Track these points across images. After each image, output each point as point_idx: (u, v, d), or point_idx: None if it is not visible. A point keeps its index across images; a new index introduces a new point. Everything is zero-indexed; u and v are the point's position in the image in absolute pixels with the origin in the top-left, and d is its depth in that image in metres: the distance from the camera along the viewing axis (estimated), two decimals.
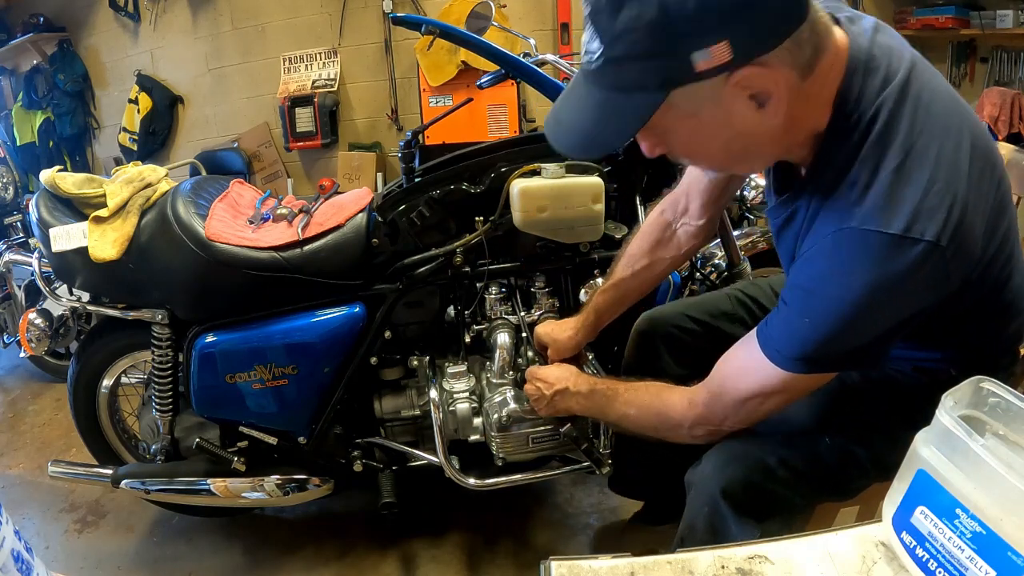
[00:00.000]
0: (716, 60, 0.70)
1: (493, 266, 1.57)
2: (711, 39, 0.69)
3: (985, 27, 3.32)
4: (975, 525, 0.58)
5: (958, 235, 0.78)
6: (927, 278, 0.79)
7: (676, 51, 0.70)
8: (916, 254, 0.76)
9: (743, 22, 0.69)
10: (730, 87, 0.73)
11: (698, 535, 1.03)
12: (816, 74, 0.77)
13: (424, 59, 3.63)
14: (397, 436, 1.71)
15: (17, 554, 0.59)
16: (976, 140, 0.83)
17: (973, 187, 0.80)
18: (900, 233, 0.76)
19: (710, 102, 0.75)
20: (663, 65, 0.72)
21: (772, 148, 0.86)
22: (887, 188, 0.78)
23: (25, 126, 4.42)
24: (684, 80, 0.72)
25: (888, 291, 0.78)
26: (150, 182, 1.63)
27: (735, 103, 0.76)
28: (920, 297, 0.81)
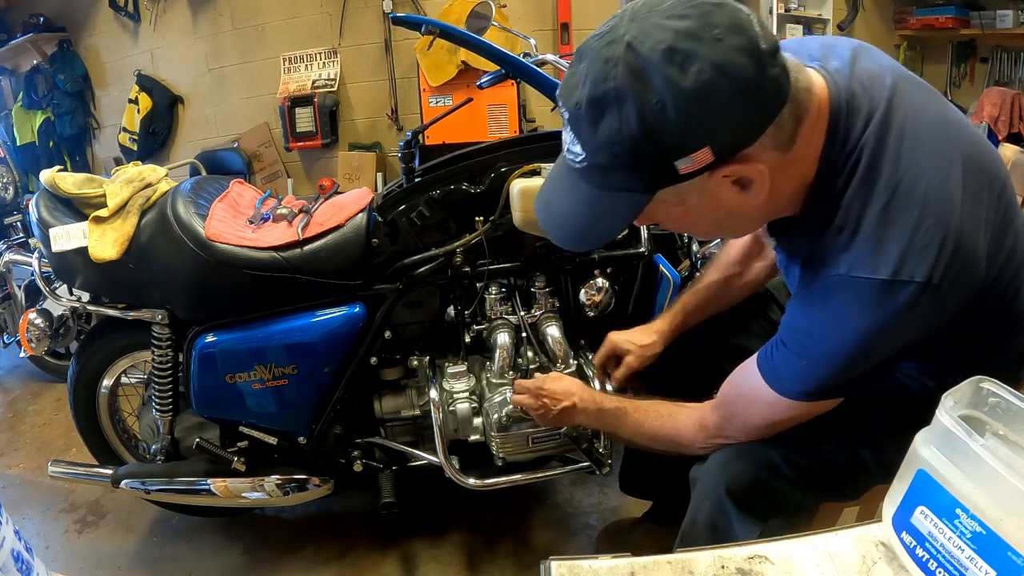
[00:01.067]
0: (698, 164, 0.72)
1: (493, 266, 1.57)
2: (693, 147, 0.71)
3: (985, 27, 3.32)
4: (975, 525, 0.58)
5: (953, 267, 0.78)
6: (923, 314, 0.80)
7: (657, 161, 0.72)
8: (908, 296, 0.77)
9: (724, 128, 0.71)
10: (714, 179, 0.76)
11: (699, 531, 1.03)
12: (799, 139, 0.78)
13: (424, 59, 3.63)
14: (397, 436, 1.71)
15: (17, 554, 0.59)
16: (969, 160, 0.82)
17: (968, 213, 0.79)
18: (889, 278, 0.77)
19: (695, 193, 0.78)
20: (647, 171, 0.74)
21: (760, 216, 0.88)
22: (873, 231, 0.78)
23: (25, 126, 4.42)
24: (668, 183, 0.75)
25: (883, 332, 0.80)
26: (150, 182, 1.63)
27: (719, 190, 0.78)
28: (918, 328, 0.83)
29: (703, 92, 0.68)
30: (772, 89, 0.71)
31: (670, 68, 0.68)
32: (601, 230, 0.83)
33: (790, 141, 0.77)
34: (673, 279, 1.60)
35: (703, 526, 1.03)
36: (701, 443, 1.05)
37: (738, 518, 0.99)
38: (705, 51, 0.68)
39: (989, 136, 2.93)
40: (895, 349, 0.85)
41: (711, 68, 0.67)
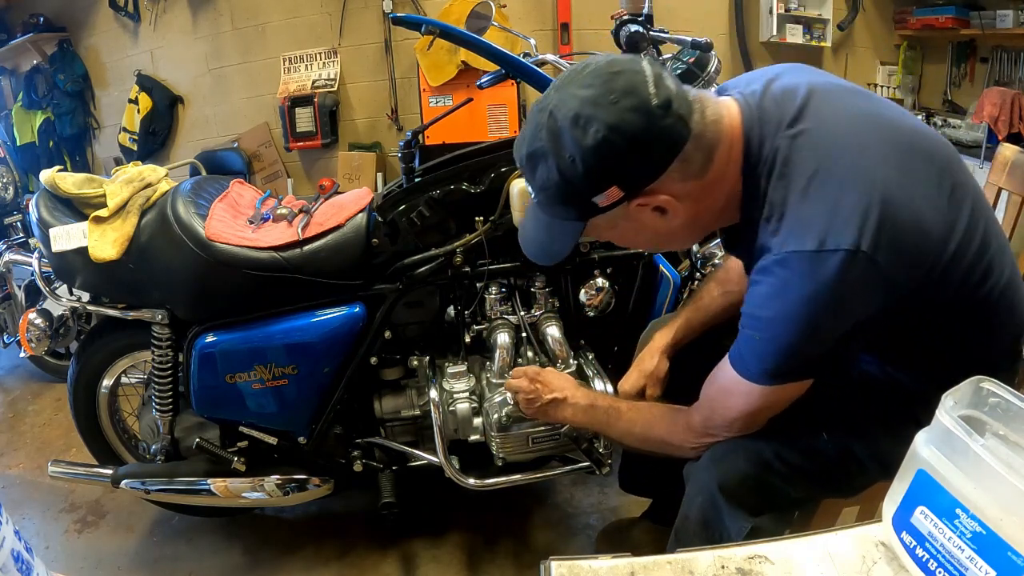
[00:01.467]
0: (611, 199, 0.89)
1: (493, 266, 1.57)
2: (603, 187, 0.88)
3: (985, 27, 3.32)
4: (975, 525, 0.58)
5: (883, 235, 0.83)
6: (861, 283, 0.84)
7: (579, 198, 0.90)
8: (837, 264, 0.82)
9: (624, 171, 0.87)
10: (633, 210, 0.91)
11: (691, 527, 1.05)
12: (715, 164, 0.91)
13: (424, 59, 3.63)
14: (397, 436, 1.71)
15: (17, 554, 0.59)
16: (895, 143, 0.90)
17: (896, 185, 0.85)
18: (816, 249, 0.83)
19: (622, 219, 0.94)
20: (575, 207, 0.93)
21: (690, 231, 1.00)
22: (797, 212, 0.87)
23: (25, 126, 4.41)
24: (593, 213, 0.92)
25: (824, 302, 0.84)
26: (150, 182, 1.63)
27: (641, 216, 0.93)
28: (864, 300, 0.86)
29: (600, 147, 0.84)
30: (665, 136, 0.85)
31: (576, 130, 0.85)
32: (556, 248, 1.01)
33: (703, 169, 0.90)
34: (673, 279, 1.60)
35: (695, 521, 1.04)
36: (691, 443, 1.07)
37: (729, 513, 1.00)
38: (601, 114, 0.84)
39: (989, 136, 2.93)
40: (847, 324, 0.88)
41: (605, 128, 0.84)
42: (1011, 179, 1.40)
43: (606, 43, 1.47)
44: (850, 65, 3.94)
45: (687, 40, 1.45)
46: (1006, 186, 1.42)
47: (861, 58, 3.94)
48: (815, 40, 3.76)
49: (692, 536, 1.04)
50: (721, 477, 1.02)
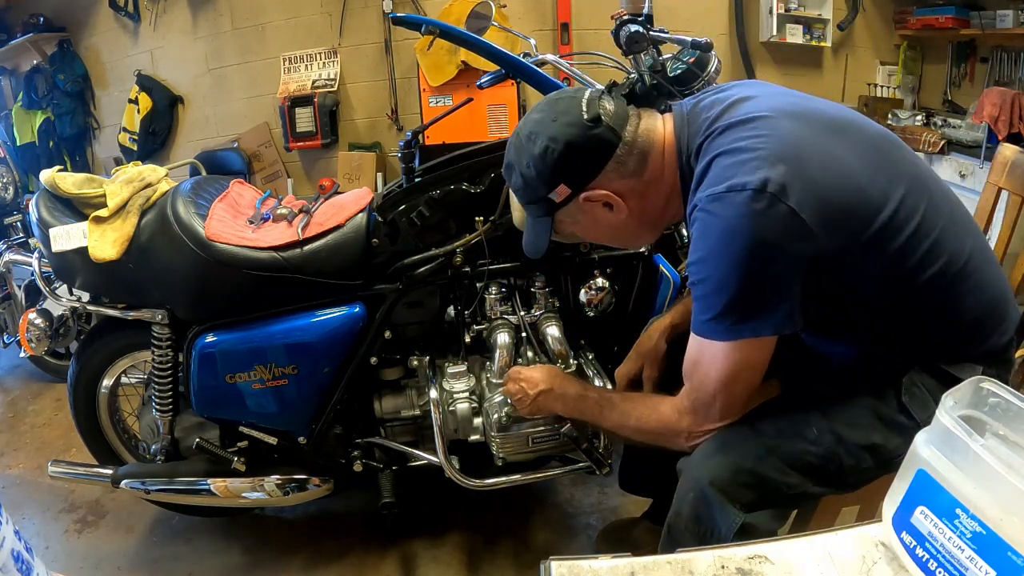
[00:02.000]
0: (562, 195, 1.10)
1: (493, 266, 1.57)
2: (553, 186, 1.09)
3: (985, 27, 3.32)
4: (975, 525, 0.58)
5: (794, 181, 0.92)
6: (774, 218, 0.91)
7: (539, 196, 1.12)
8: (746, 199, 0.92)
9: (567, 171, 1.07)
10: (584, 204, 1.10)
11: (683, 522, 1.05)
12: (651, 165, 1.08)
13: (424, 59, 3.63)
14: (397, 436, 1.71)
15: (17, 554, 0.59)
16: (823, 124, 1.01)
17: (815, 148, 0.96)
18: (724, 190, 0.95)
19: (580, 214, 1.12)
20: (540, 204, 1.13)
21: (642, 225, 1.15)
22: (711, 172, 0.99)
23: (25, 126, 4.41)
24: (555, 209, 1.12)
25: (742, 234, 0.92)
26: (150, 182, 1.63)
27: (594, 211, 1.11)
28: (785, 237, 0.92)
29: (544, 154, 1.06)
30: (595, 142, 1.05)
31: (529, 144, 1.08)
32: (539, 243, 1.19)
33: (638, 169, 1.08)
34: (673, 279, 1.60)
35: (687, 517, 1.05)
36: (684, 429, 1.09)
37: (720, 508, 1.01)
38: (547, 131, 1.07)
39: (989, 136, 2.92)
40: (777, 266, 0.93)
41: (547, 140, 1.06)
42: (1011, 179, 1.40)
43: (606, 43, 1.47)
44: (850, 65, 3.93)
45: (687, 40, 1.45)
46: (1006, 186, 1.42)
47: (861, 58, 3.93)
48: (815, 40, 3.76)
49: (684, 532, 1.05)
50: (712, 472, 1.03)
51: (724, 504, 1.00)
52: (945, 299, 1.01)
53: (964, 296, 1.02)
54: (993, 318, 1.05)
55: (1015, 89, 3.07)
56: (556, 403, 1.32)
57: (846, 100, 3.89)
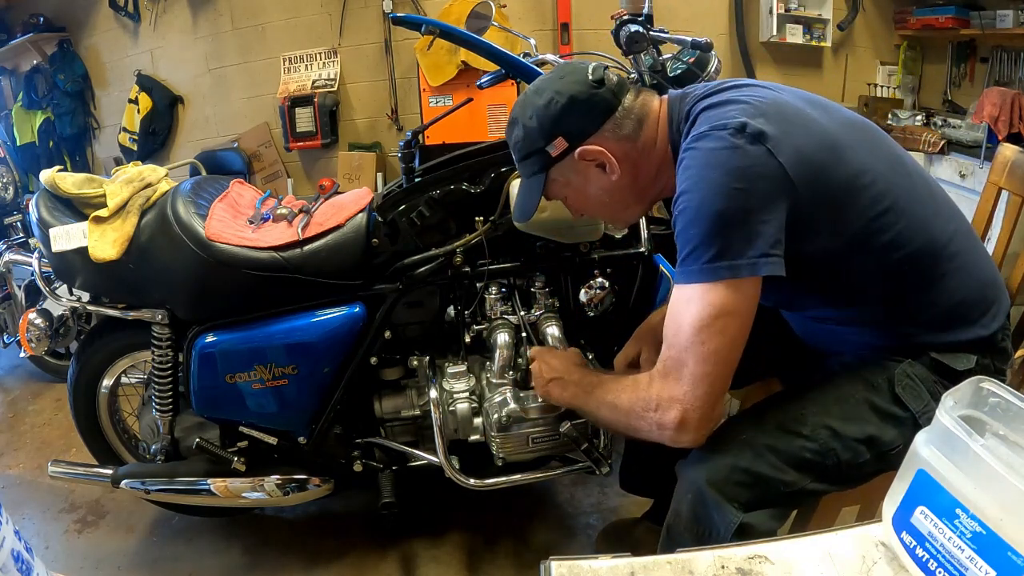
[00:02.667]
0: (559, 148, 1.13)
1: (493, 266, 1.57)
2: (552, 137, 1.12)
3: (985, 27, 3.31)
4: (975, 525, 0.58)
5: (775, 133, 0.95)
6: (755, 157, 0.95)
7: (538, 148, 1.14)
8: (726, 135, 0.96)
9: (567, 123, 1.11)
10: (579, 162, 1.13)
11: (682, 523, 1.06)
12: (645, 132, 1.13)
13: (424, 59, 3.62)
14: (397, 436, 1.71)
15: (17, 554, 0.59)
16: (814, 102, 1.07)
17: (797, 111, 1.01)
18: (707, 129, 0.99)
19: (573, 173, 1.16)
20: (537, 158, 1.15)
21: (637, 194, 1.18)
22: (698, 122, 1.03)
23: (25, 126, 4.41)
24: (550, 163, 1.15)
25: (719, 164, 0.95)
26: (150, 182, 1.63)
27: (588, 171, 1.15)
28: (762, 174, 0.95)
29: (548, 105, 1.11)
30: (597, 101, 1.10)
31: (535, 97, 1.14)
32: (529, 204, 1.21)
33: (634, 134, 1.12)
34: (672, 276, 1.60)
35: (685, 518, 1.05)
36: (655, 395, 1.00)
37: (718, 508, 1.01)
38: (553, 86, 1.12)
39: (989, 136, 2.92)
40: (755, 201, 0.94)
41: (553, 92, 1.12)
42: (1011, 179, 1.40)
43: (606, 43, 1.47)
44: (850, 65, 3.93)
45: (687, 40, 1.45)
46: (1006, 186, 1.42)
47: (861, 58, 3.93)
48: (815, 40, 3.75)
49: (683, 532, 1.05)
50: (709, 472, 1.03)
51: (722, 504, 1.00)
52: (927, 278, 1.03)
53: (948, 276, 1.04)
54: (981, 303, 1.06)
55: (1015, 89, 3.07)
56: (564, 392, 1.28)
57: (846, 100, 3.89)
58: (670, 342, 0.99)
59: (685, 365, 0.97)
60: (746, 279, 0.95)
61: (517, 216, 1.25)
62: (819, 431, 1.03)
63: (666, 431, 1.00)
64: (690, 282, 0.97)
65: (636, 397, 1.04)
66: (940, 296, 1.05)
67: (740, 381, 1.45)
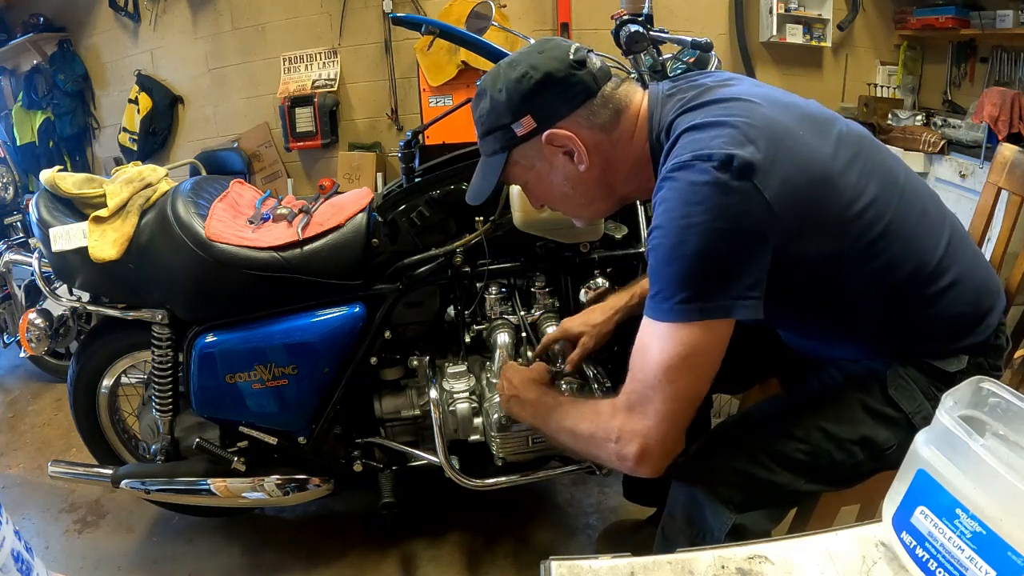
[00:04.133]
0: (527, 127, 1.04)
1: (493, 266, 1.57)
2: (520, 115, 1.03)
3: (985, 27, 3.31)
4: (975, 525, 0.58)
5: (764, 165, 0.89)
6: (739, 196, 0.88)
7: (503, 124, 1.05)
8: (708, 168, 0.89)
9: (536, 104, 1.02)
10: (546, 146, 1.04)
11: (676, 524, 1.06)
12: (622, 125, 1.05)
13: (424, 59, 3.62)
14: (397, 436, 1.70)
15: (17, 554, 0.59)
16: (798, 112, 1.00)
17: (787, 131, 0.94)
18: (689, 159, 0.91)
19: (538, 158, 1.07)
20: (500, 135, 1.06)
21: (603, 190, 1.10)
22: (680, 145, 0.95)
23: (25, 126, 4.41)
24: (514, 142, 1.06)
25: (700, 203, 0.88)
26: (150, 182, 1.63)
27: (555, 158, 1.06)
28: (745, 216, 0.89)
29: (520, 80, 1.02)
30: (575, 83, 1.02)
31: (508, 70, 1.05)
32: (484, 185, 1.12)
33: (610, 125, 1.04)
34: None
35: (679, 519, 1.05)
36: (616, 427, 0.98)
37: (711, 510, 1.01)
38: (530, 59, 1.04)
39: (989, 136, 2.92)
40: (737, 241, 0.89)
41: (528, 67, 1.03)
42: (1010, 179, 1.40)
43: (606, 43, 1.47)
44: (850, 65, 3.93)
45: (687, 40, 1.45)
46: (1006, 186, 1.41)
47: (861, 58, 3.93)
48: (815, 40, 3.75)
49: (677, 533, 1.05)
50: (702, 474, 1.03)
51: (715, 505, 1.00)
52: (921, 296, 1.01)
53: (942, 293, 1.01)
54: (976, 312, 1.04)
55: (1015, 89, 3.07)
56: (523, 411, 1.25)
57: (846, 100, 3.89)
58: (636, 376, 0.96)
59: (651, 402, 0.94)
60: (722, 320, 0.91)
61: (470, 197, 1.16)
62: (812, 432, 1.03)
63: (626, 462, 0.98)
64: (661, 320, 0.92)
65: (597, 426, 1.02)
66: (934, 313, 1.02)
67: (741, 384, 1.46)
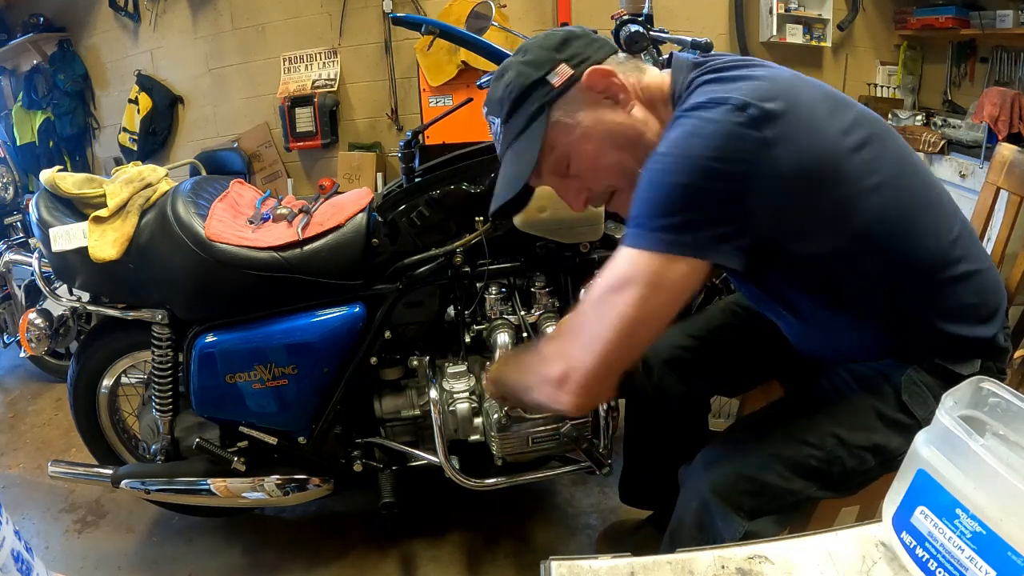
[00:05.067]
0: (563, 76, 0.99)
1: (493, 266, 1.57)
2: (554, 64, 0.99)
3: (985, 27, 3.31)
4: (975, 525, 0.58)
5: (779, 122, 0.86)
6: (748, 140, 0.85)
7: (536, 80, 0.99)
8: (726, 109, 0.86)
9: (567, 52, 1.00)
10: (586, 92, 0.98)
11: (686, 530, 1.05)
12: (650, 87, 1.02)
13: (424, 59, 3.62)
14: (397, 436, 1.71)
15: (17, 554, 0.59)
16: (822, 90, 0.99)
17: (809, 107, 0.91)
18: (704, 100, 0.89)
19: (581, 109, 0.99)
20: (535, 95, 0.99)
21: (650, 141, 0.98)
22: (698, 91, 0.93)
23: (25, 126, 4.41)
24: (552, 96, 0.99)
25: (703, 136, 0.86)
26: (150, 182, 1.63)
27: (599, 106, 0.99)
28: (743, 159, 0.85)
29: (546, 38, 1.02)
30: (598, 38, 1.03)
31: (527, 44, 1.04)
32: (523, 167, 1.01)
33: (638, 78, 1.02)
34: None
35: (690, 525, 1.04)
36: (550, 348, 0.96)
37: (723, 517, 1.00)
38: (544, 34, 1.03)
39: (989, 136, 2.92)
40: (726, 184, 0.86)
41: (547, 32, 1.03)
42: (1009, 178, 1.40)
43: None
44: (850, 65, 3.93)
45: (687, 40, 1.44)
46: (1004, 186, 1.41)
47: (861, 58, 3.93)
48: (815, 40, 3.75)
49: (687, 539, 1.04)
50: (714, 480, 1.02)
51: (727, 512, 1.00)
52: (932, 283, 1.00)
53: (954, 279, 1.00)
54: (984, 303, 1.03)
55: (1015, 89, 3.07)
56: (501, 383, 1.20)
57: None
58: (583, 298, 0.93)
59: (588, 326, 0.90)
60: (688, 259, 0.86)
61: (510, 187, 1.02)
62: (825, 439, 1.02)
63: (546, 387, 0.96)
64: (629, 245, 0.88)
65: (533, 358, 1.04)
66: (944, 302, 1.01)
67: (741, 386, 1.46)
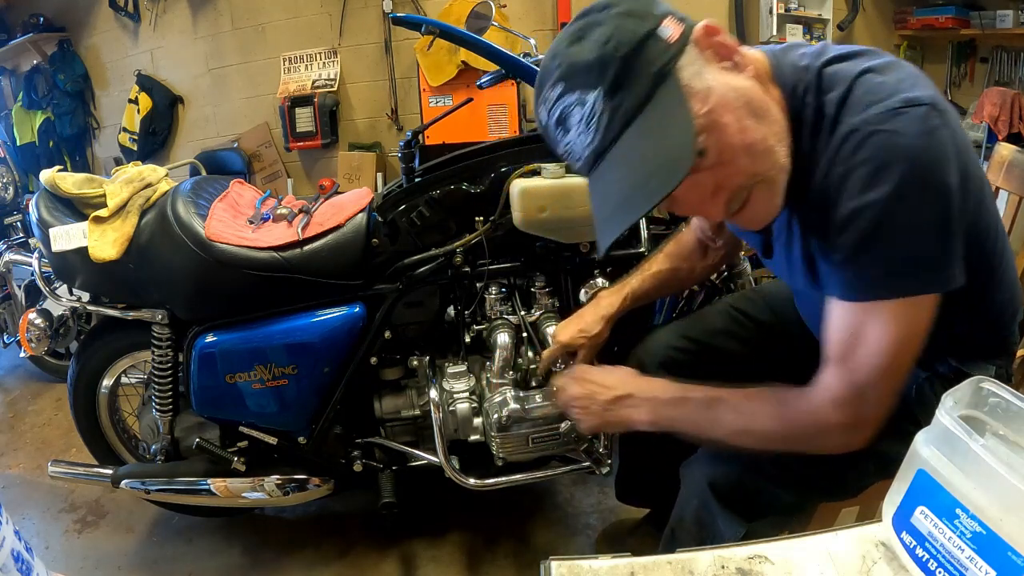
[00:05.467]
0: (677, 29, 0.79)
1: (493, 266, 1.57)
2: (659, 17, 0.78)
3: (985, 27, 3.32)
4: (975, 525, 0.58)
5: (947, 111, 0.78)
6: (960, 140, 0.78)
7: (646, 34, 0.77)
8: (923, 113, 0.76)
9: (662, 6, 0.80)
10: (704, 53, 0.80)
11: (686, 527, 1.05)
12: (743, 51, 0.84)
13: (424, 59, 3.63)
14: (397, 436, 1.70)
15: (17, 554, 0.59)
16: None
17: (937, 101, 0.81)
18: (901, 104, 0.76)
19: (708, 72, 0.79)
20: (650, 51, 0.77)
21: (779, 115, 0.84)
22: (864, 89, 0.80)
23: (25, 126, 4.42)
24: (670, 57, 0.78)
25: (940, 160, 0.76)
26: (150, 182, 1.63)
27: (722, 72, 0.80)
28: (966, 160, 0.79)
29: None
30: None
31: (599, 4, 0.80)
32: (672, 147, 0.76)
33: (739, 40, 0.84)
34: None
35: (690, 522, 1.04)
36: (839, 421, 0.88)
37: (723, 516, 1.00)
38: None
39: (989, 136, 2.93)
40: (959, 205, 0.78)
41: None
42: (1008, 178, 1.40)
43: None
44: None
45: None
46: (1004, 185, 1.42)
47: None
48: (815, 40, 3.74)
49: (687, 536, 1.04)
50: (714, 480, 1.02)
51: (727, 513, 1.00)
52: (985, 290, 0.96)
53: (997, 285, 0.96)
54: (1012, 306, 1.01)
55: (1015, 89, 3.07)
56: (640, 411, 1.04)
57: None
58: (856, 366, 0.85)
59: (876, 389, 0.86)
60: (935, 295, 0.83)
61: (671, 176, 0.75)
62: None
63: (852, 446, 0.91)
64: (881, 298, 0.81)
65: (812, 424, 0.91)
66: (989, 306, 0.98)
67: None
